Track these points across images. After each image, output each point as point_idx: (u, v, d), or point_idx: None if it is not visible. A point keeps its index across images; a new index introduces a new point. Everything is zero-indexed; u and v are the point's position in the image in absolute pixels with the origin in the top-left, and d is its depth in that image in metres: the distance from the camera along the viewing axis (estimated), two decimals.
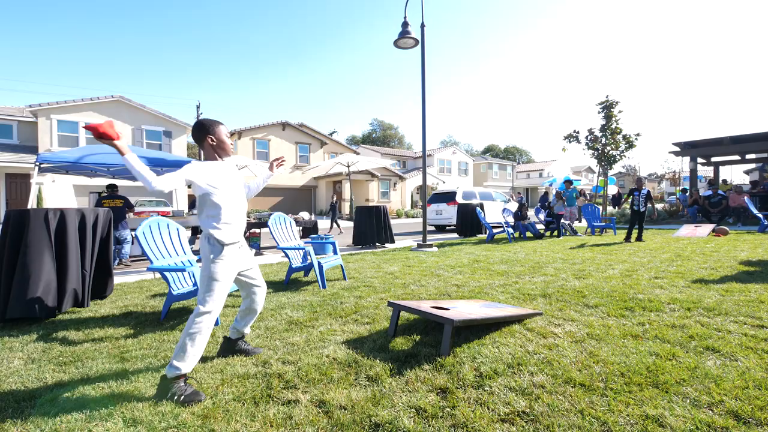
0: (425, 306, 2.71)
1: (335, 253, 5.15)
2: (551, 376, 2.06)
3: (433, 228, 14.60)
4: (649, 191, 8.89)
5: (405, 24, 7.62)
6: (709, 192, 13.49)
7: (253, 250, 7.64)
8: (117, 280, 5.00)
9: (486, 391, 1.94)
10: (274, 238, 4.52)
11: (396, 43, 7.80)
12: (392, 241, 9.06)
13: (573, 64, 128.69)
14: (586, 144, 17.31)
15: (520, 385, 1.98)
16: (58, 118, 18.47)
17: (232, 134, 23.96)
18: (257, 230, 8.61)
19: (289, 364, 2.33)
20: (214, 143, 2.26)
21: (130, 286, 4.82)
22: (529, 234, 10.31)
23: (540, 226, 11.27)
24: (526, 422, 1.67)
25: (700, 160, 16.71)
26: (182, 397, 1.93)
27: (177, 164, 6.68)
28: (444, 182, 33.37)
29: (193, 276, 3.38)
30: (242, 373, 2.21)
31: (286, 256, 4.58)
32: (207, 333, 2.06)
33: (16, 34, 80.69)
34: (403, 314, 3.16)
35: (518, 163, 58.11)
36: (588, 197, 15.13)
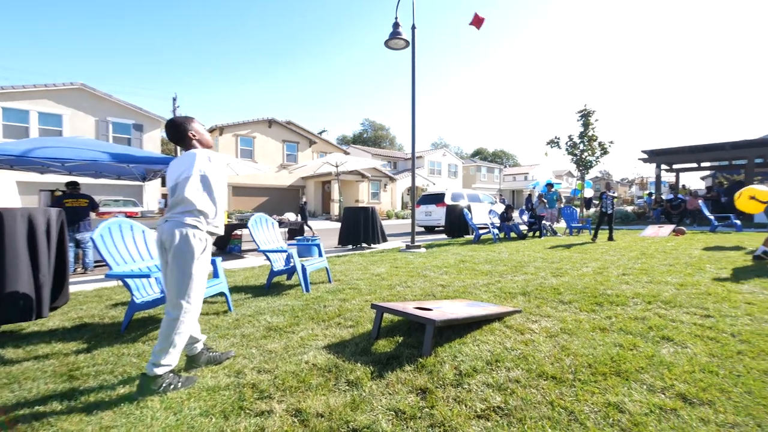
0: (409, 307, 2.70)
1: (320, 255, 4.90)
2: (526, 371, 2.10)
3: (422, 229, 14.64)
4: (614, 193, 9.07)
5: (396, 25, 7.45)
6: (671, 196, 14.09)
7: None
8: (73, 288, 4.35)
9: (464, 389, 1.93)
10: (254, 240, 4.21)
11: (387, 44, 7.62)
12: (385, 241, 8.87)
13: (557, 72, 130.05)
14: (566, 149, 17.60)
15: (497, 381, 2.00)
16: (4, 106, 15.69)
17: (212, 130, 22.67)
18: (238, 232, 8.17)
19: (264, 373, 2.16)
20: (197, 137, 2.16)
21: (87, 295, 4.23)
22: (513, 234, 10.43)
23: (523, 227, 11.40)
24: (500, 417, 1.69)
25: (663, 166, 17.10)
26: (179, 384, 1.95)
27: (148, 161, 5.97)
28: (434, 184, 33.31)
29: (160, 282, 3.02)
30: (212, 386, 2.02)
31: (268, 259, 4.26)
32: (191, 328, 2.03)
33: None
34: (387, 316, 3.09)
35: (505, 167, 58.47)
36: (563, 200, 15.35)
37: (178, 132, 2.13)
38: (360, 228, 8.44)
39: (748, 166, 14.19)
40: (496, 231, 9.82)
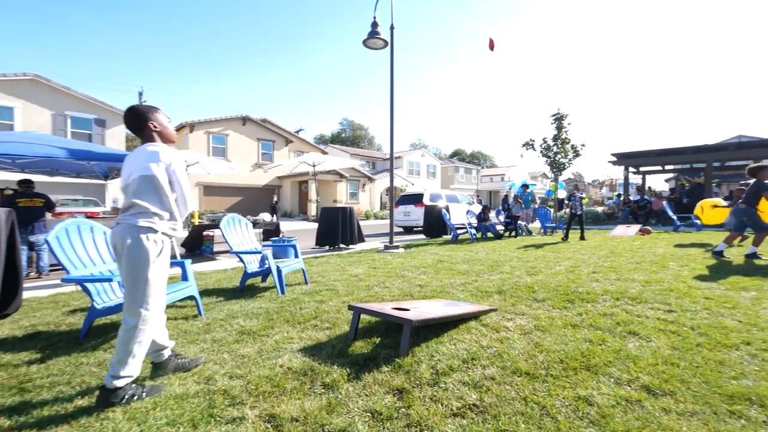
0: (386, 308, 2.71)
1: (297, 256, 4.82)
2: (501, 368, 2.15)
3: (400, 229, 14.73)
4: (582, 194, 9.56)
5: (374, 24, 7.46)
6: (638, 197, 14.89)
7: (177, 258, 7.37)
8: (26, 294, 4.07)
9: (441, 388, 1.95)
10: (226, 241, 4.11)
11: (365, 43, 7.61)
12: (362, 241, 8.87)
13: (532, 75, 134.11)
14: (541, 152, 18.21)
15: (473, 379, 2.04)
16: None
17: (182, 127, 21.92)
18: (210, 233, 7.95)
19: (237, 379, 2.11)
20: (158, 129, 2.03)
21: (41, 301, 4.00)
22: (490, 234, 10.66)
23: (500, 227, 11.68)
24: (476, 414, 1.72)
25: (631, 169, 17.98)
26: (143, 394, 1.86)
27: (110, 158, 5.70)
28: (413, 184, 33.56)
29: (122, 286, 2.96)
30: (180, 394, 1.95)
31: (241, 260, 4.18)
32: (152, 335, 1.94)
33: None
34: (365, 317, 3.08)
35: (483, 168, 59.69)
36: (538, 201, 15.89)
37: (139, 121, 2.00)
38: (338, 228, 8.39)
39: (707, 169, 15.13)
40: (473, 231, 10.01)
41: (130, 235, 1.86)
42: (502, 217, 12.63)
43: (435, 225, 11.33)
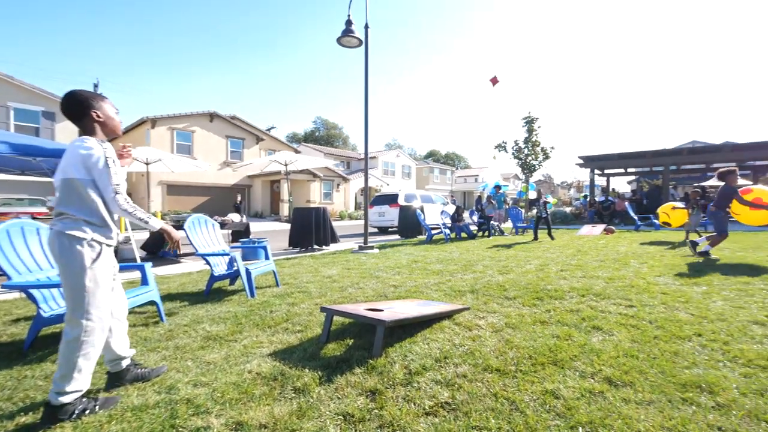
0: (359, 309, 2.71)
1: (267, 257, 4.72)
2: (473, 366, 2.20)
3: (375, 230, 14.75)
4: (545, 200, 10.08)
5: (348, 22, 7.45)
6: (602, 198, 15.73)
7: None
8: None
9: (414, 388, 1.97)
10: (191, 243, 3.98)
11: (339, 41, 7.57)
12: (336, 242, 8.84)
13: (506, 78, 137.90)
14: (513, 154, 18.82)
15: (445, 377, 2.07)
16: None
17: (143, 122, 20.90)
18: None
19: (201, 386, 2.03)
20: (101, 119, 1.84)
21: None
22: (464, 234, 10.88)
23: (473, 227, 11.96)
24: (448, 412, 1.76)
25: (597, 171, 18.92)
26: (95, 408, 1.76)
27: (59, 154, 5.08)
28: (388, 184, 33.73)
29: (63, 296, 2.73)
30: (138, 405, 1.86)
31: (207, 263, 4.04)
32: (100, 346, 1.81)
33: None
34: (338, 319, 3.06)
35: (457, 168, 60.85)
36: (510, 201, 16.45)
37: (79, 108, 1.80)
38: (311, 229, 8.32)
39: (665, 172, 16.17)
40: (447, 231, 10.19)
41: (59, 242, 1.73)
42: (475, 218, 12.93)
43: (410, 225, 11.43)
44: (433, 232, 10.16)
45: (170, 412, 1.80)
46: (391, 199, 13.84)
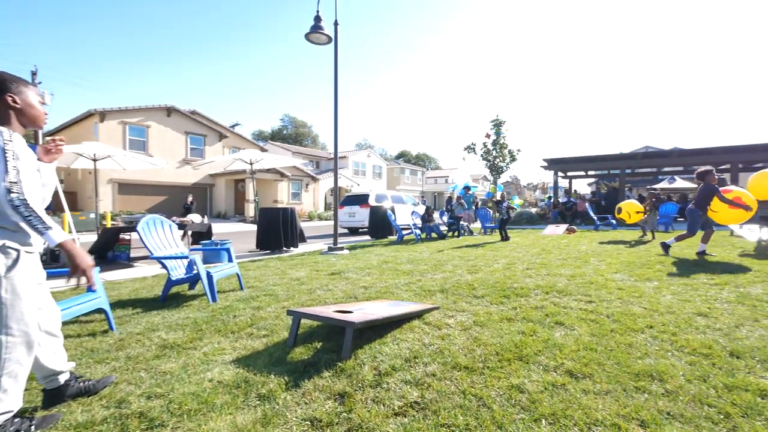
0: (328, 311, 2.69)
1: (231, 260, 4.59)
2: (442, 364, 2.24)
3: (345, 230, 14.69)
4: (508, 204, 10.63)
5: (317, 18, 7.37)
6: (565, 199, 16.62)
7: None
8: None
9: (383, 389, 1.98)
10: (145, 245, 3.81)
11: (307, 37, 7.50)
12: (303, 242, 8.73)
13: (475, 81, 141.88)
14: (481, 155, 19.41)
15: (415, 377, 2.10)
16: None
17: (90, 115, 19.66)
18: (127, 236, 7.26)
19: (156, 398, 1.93)
20: (19, 105, 1.64)
21: None
22: (434, 235, 11.07)
23: (443, 228, 12.19)
24: (417, 411, 1.78)
25: (560, 173, 19.88)
26: (31, 428, 1.63)
27: None
28: (359, 185, 33.68)
29: None
30: (83, 422, 1.73)
31: (164, 266, 3.88)
32: (28, 362, 1.64)
33: None
34: (306, 322, 3.02)
35: (428, 169, 61.76)
36: (479, 202, 16.95)
37: None
38: (279, 230, 8.16)
39: (621, 175, 17.27)
40: (418, 232, 10.33)
41: None
42: (445, 218, 13.19)
43: (380, 226, 11.48)
44: (404, 232, 10.27)
45: (120, 428, 1.70)
46: (361, 200, 13.83)
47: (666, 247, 6.35)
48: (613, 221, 13.52)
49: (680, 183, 22.27)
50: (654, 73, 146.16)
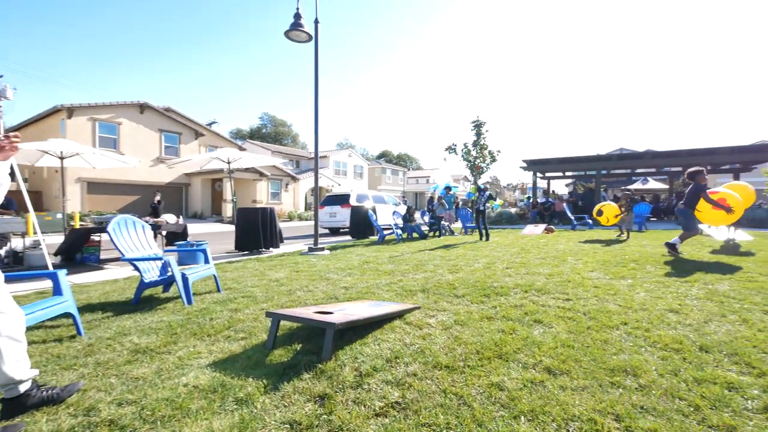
0: (308, 312, 2.66)
1: (207, 261, 4.47)
2: (423, 364, 2.25)
3: (326, 231, 14.59)
4: (490, 194, 10.59)
5: (297, 15, 7.30)
6: (544, 199, 17.06)
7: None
8: None
9: (364, 389, 1.97)
10: (116, 247, 3.70)
11: (287, 34, 7.41)
12: (282, 242, 8.62)
13: (455, 81, 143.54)
14: (462, 156, 19.67)
15: (396, 377, 2.10)
16: None
17: (57, 110, 18.85)
18: (96, 237, 7.01)
19: (128, 405, 1.87)
20: None
21: None
22: (415, 235, 11.12)
23: (425, 228, 12.26)
24: (398, 411, 1.78)
25: (539, 174, 20.35)
26: None
27: None
28: (339, 185, 33.52)
29: None
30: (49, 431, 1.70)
31: (136, 268, 3.77)
32: None
33: None
34: (286, 323, 2.98)
35: (409, 169, 62.10)
36: (460, 202, 17.18)
37: None
38: (258, 231, 8.02)
39: (597, 176, 17.81)
40: (399, 232, 10.35)
41: None
42: (426, 218, 13.28)
43: (362, 226, 11.45)
44: (385, 232, 10.28)
45: None
46: (342, 200, 13.76)
47: (672, 246, 6.14)
48: (590, 221, 13.98)
49: (653, 184, 23.21)
50: (628, 77, 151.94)
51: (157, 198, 12.24)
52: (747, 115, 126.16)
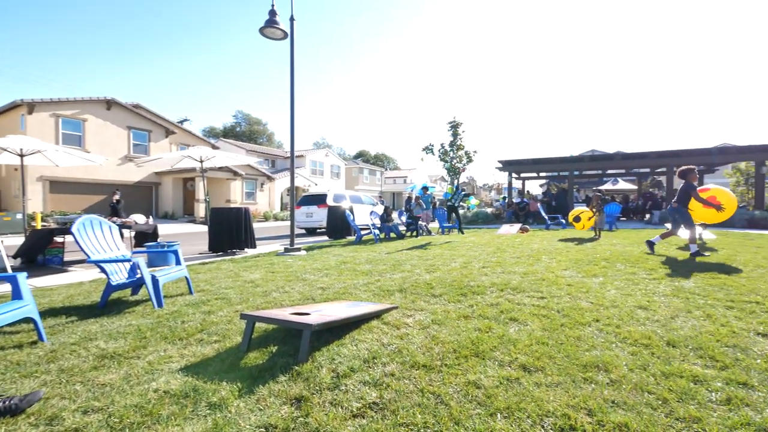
0: (284, 314, 2.61)
1: (179, 263, 4.34)
2: (400, 363, 2.25)
3: (303, 231, 14.42)
4: (464, 190, 10.80)
5: (272, 12, 7.20)
6: (519, 199, 17.50)
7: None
8: None
9: (341, 391, 1.96)
10: (81, 248, 3.58)
11: (262, 31, 7.28)
12: (254, 246, 8.49)
13: (433, 82, 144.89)
14: (439, 156, 19.87)
15: (373, 377, 2.09)
16: None
17: (16, 106, 17.92)
18: (60, 239, 6.71)
19: (94, 413, 1.80)
20: None
21: None
22: (393, 235, 11.14)
23: (402, 228, 12.31)
24: (375, 412, 1.77)
25: (514, 175, 20.83)
26: None
27: None
28: (316, 184, 33.21)
29: None
30: None
31: (103, 271, 3.62)
32: None
33: None
34: (261, 325, 2.93)
35: (386, 170, 62.22)
36: (437, 202, 17.38)
37: None
38: (232, 231, 7.85)
39: (570, 177, 18.42)
40: (377, 232, 10.34)
41: None
42: (404, 218, 13.34)
43: (339, 226, 11.37)
44: (363, 232, 10.25)
45: None
46: (319, 200, 13.63)
47: (696, 254, 5.87)
48: (563, 221, 14.44)
49: (622, 184, 24.18)
50: (599, 80, 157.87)
51: (116, 197, 11.51)
52: (710, 118, 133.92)
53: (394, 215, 13.48)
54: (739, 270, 4.83)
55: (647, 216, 15.97)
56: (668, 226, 7.00)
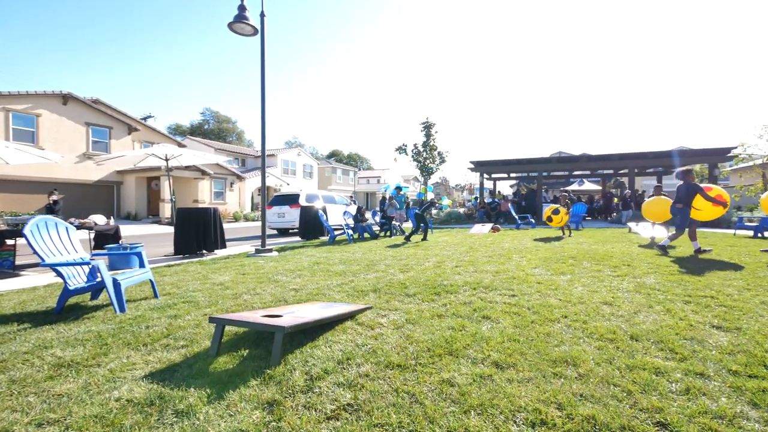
0: (255, 316, 2.55)
1: (143, 265, 4.19)
2: (375, 364, 2.24)
3: (275, 232, 14.14)
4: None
5: (242, 7, 7.04)
6: (490, 200, 18.00)
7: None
8: None
9: (315, 393, 1.94)
10: (35, 251, 3.38)
11: (230, 26, 7.12)
12: (224, 247, 8.25)
13: (406, 81, 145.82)
14: (412, 156, 20.07)
15: (348, 378, 2.08)
16: None
17: None
18: (11, 241, 6.32)
19: (49, 425, 1.71)
20: None
21: None
22: (366, 235, 11.13)
23: (376, 228, 12.32)
24: (350, 413, 1.76)
25: (485, 175, 21.35)
26: None
27: None
28: (288, 184, 32.64)
29: None
30: None
31: (59, 274, 3.44)
32: None
33: None
34: (231, 329, 2.86)
35: (360, 169, 62.09)
36: (410, 202, 17.56)
37: None
38: (200, 232, 7.56)
39: (538, 177, 19.08)
40: (350, 232, 10.30)
41: None
42: (378, 218, 13.36)
43: (312, 226, 11.23)
44: (336, 233, 10.18)
45: None
46: (291, 200, 13.41)
47: (663, 248, 6.40)
48: (532, 220, 14.96)
49: (588, 185, 25.31)
50: (565, 84, 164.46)
51: (53, 197, 10.54)
52: (667, 122, 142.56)
53: (368, 215, 13.49)
54: (694, 266, 5.17)
55: (614, 215, 16.86)
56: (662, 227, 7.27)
